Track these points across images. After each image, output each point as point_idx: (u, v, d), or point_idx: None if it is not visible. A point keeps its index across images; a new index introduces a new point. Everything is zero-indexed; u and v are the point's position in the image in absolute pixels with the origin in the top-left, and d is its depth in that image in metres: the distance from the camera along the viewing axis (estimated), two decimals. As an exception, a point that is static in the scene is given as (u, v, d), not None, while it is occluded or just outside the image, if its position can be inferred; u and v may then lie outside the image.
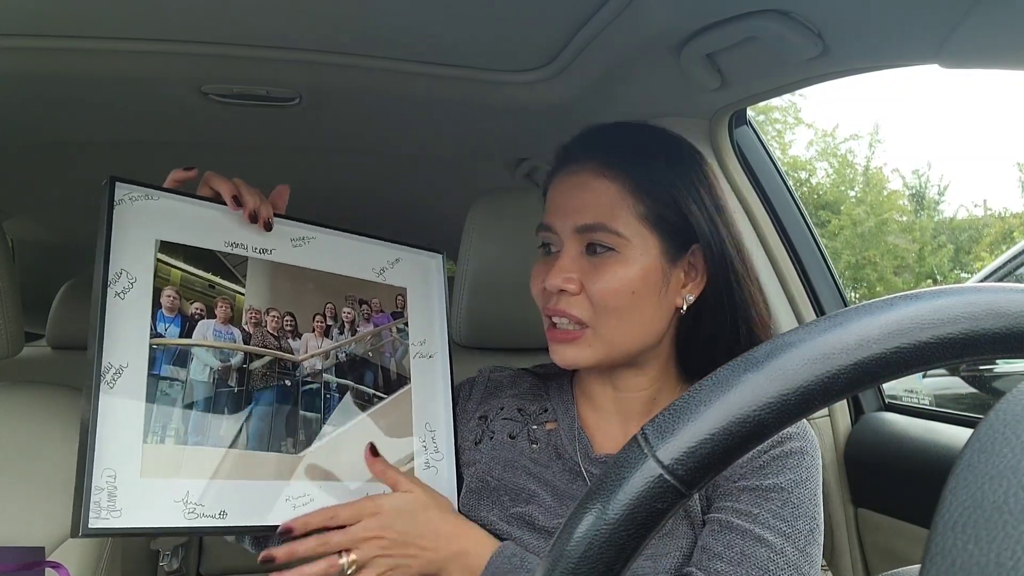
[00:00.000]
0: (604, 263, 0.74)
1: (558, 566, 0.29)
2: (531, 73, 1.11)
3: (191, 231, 0.71)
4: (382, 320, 0.82)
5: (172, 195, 0.72)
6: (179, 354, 0.67)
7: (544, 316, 0.78)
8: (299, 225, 0.80)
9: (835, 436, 1.25)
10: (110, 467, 0.60)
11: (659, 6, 0.90)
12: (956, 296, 0.30)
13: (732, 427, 0.29)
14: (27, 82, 1.13)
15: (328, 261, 0.80)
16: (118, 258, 0.65)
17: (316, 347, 0.76)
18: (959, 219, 14.63)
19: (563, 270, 0.74)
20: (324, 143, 1.47)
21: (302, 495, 0.69)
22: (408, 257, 0.86)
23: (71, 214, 2.00)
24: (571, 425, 0.81)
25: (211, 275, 0.71)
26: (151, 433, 0.63)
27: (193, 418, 0.65)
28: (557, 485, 0.76)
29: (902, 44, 0.84)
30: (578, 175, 0.78)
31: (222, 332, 0.70)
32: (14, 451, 0.99)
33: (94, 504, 0.58)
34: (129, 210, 0.68)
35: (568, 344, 0.75)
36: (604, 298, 0.73)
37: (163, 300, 0.67)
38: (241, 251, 0.74)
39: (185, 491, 0.63)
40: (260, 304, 0.73)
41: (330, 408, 0.75)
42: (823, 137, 14.25)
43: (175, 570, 1.92)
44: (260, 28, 0.98)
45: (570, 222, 0.76)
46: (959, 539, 0.23)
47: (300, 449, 0.71)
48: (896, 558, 1.14)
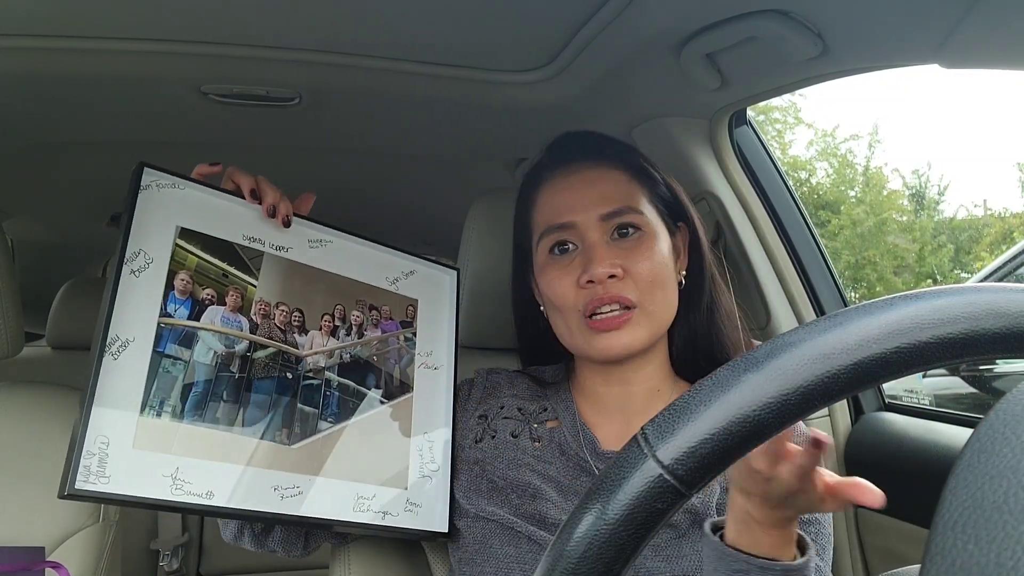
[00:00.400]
0: (639, 244, 0.78)
1: (558, 566, 0.29)
2: (531, 73, 1.11)
3: (212, 221, 0.73)
4: (390, 327, 0.83)
5: (198, 186, 0.74)
6: (185, 335, 0.68)
7: (582, 315, 0.77)
8: (319, 228, 0.81)
9: (835, 436, 1.25)
10: (104, 434, 0.61)
11: (659, 6, 0.90)
12: (956, 296, 0.30)
13: (732, 427, 0.29)
14: (27, 82, 1.13)
15: (342, 265, 0.81)
16: (138, 238, 0.68)
17: (321, 345, 0.77)
18: (959, 219, 14.64)
19: (605, 257, 0.76)
20: (324, 143, 1.47)
21: (291, 486, 0.70)
22: (423, 270, 0.87)
23: (71, 214, 2.00)
24: (573, 422, 0.81)
25: (226, 265, 0.73)
26: (149, 407, 0.64)
27: (192, 397, 0.67)
28: (562, 481, 0.76)
29: (902, 44, 0.84)
30: (585, 169, 0.82)
31: (230, 319, 0.72)
32: (14, 451, 0.99)
33: (83, 467, 0.59)
34: (155, 196, 0.71)
35: (619, 331, 0.75)
36: (651, 275, 0.76)
37: (176, 283, 0.69)
38: (258, 245, 0.76)
39: (175, 467, 0.64)
40: (270, 297, 0.75)
41: (329, 405, 0.75)
42: (823, 137, 14.26)
43: (175, 570, 1.92)
44: (260, 28, 0.98)
45: (593, 212, 0.78)
46: (959, 539, 0.23)
47: (294, 441, 0.71)
48: (896, 558, 1.14)
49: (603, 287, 0.75)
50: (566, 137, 0.89)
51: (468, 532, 0.77)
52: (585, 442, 0.79)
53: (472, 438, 0.83)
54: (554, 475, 0.77)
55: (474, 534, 0.76)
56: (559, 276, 0.79)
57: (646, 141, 1.26)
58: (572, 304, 0.78)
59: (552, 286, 0.79)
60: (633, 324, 0.75)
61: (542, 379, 0.89)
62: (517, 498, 0.75)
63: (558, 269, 0.79)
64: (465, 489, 0.79)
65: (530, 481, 0.76)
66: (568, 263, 0.79)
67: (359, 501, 0.74)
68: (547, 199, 0.83)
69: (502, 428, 0.82)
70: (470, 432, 0.84)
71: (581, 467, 0.77)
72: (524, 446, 0.80)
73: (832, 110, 26.54)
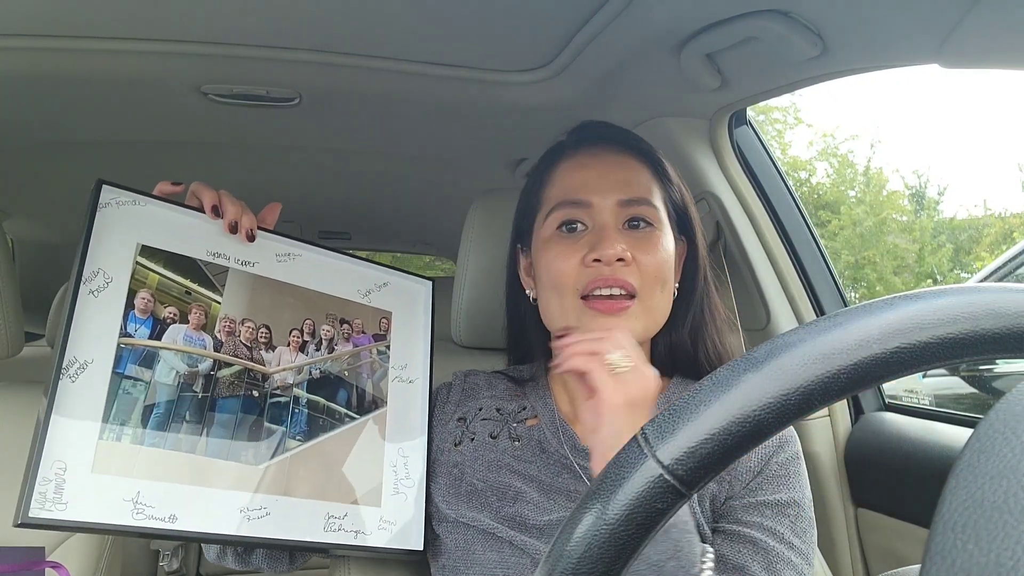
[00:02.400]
0: (649, 237, 0.78)
1: (558, 566, 0.29)
2: (531, 73, 1.11)
3: (173, 238, 0.72)
4: (363, 341, 0.81)
5: (159, 202, 0.72)
6: (146, 355, 0.67)
7: (579, 294, 0.76)
8: (286, 241, 0.79)
9: (835, 436, 1.25)
10: (61, 459, 0.60)
11: (659, 6, 0.90)
12: (956, 296, 0.30)
13: (732, 427, 0.29)
14: (27, 82, 1.13)
15: (312, 279, 0.79)
16: (97, 257, 0.66)
17: (289, 361, 0.75)
18: (959, 219, 14.64)
19: (616, 240, 0.75)
20: (324, 143, 1.47)
21: (258, 507, 0.68)
22: (396, 282, 0.86)
23: (71, 214, 1.99)
24: (552, 419, 0.80)
25: (189, 282, 0.71)
26: (108, 430, 0.63)
27: (153, 419, 0.65)
28: (543, 480, 0.76)
29: (902, 44, 0.84)
30: (609, 154, 0.81)
31: (193, 338, 0.70)
32: (14, 451, 0.99)
33: (38, 494, 0.58)
34: (114, 213, 0.69)
35: (616, 316, 0.75)
36: (656, 269, 0.76)
37: (137, 302, 0.67)
38: (223, 261, 0.74)
39: (136, 491, 0.62)
40: (236, 314, 0.73)
41: (297, 423, 0.73)
42: (823, 137, 14.27)
43: (175, 570, 1.93)
44: (260, 28, 0.98)
45: (613, 196, 0.78)
46: (959, 539, 0.23)
47: (261, 460, 0.70)
48: (896, 558, 1.14)
49: (610, 268, 0.74)
50: (592, 123, 0.88)
51: (450, 539, 0.76)
52: (565, 438, 0.78)
53: (451, 442, 0.82)
54: (534, 474, 0.76)
55: (456, 541, 0.76)
56: (563, 253, 0.77)
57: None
58: (572, 283, 0.76)
59: (554, 263, 0.78)
60: (631, 315, 0.75)
61: (520, 378, 0.89)
62: (497, 501, 0.75)
63: (563, 246, 0.78)
64: (445, 493, 0.78)
65: (510, 483, 0.75)
66: (574, 242, 0.78)
67: (330, 520, 0.72)
68: (566, 174, 0.81)
69: (481, 430, 0.81)
70: (449, 436, 0.83)
71: (562, 464, 0.77)
72: (503, 447, 0.79)
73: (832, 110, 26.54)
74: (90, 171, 1.63)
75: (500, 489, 0.75)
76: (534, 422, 0.81)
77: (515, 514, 0.73)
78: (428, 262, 6.80)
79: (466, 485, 0.77)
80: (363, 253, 2.10)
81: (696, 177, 1.25)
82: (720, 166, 1.26)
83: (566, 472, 0.76)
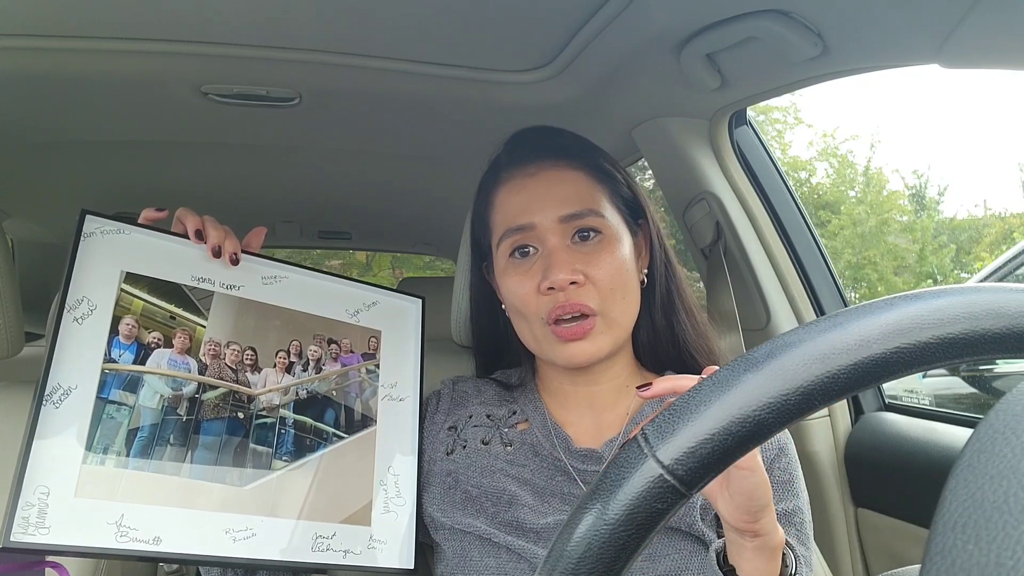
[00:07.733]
0: (599, 248, 0.76)
1: (558, 566, 0.29)
2: (531, 73, 1.11)
3: (158, 264, 0.72)
4: (351, 360, 0.81)
5: (143, 230, 0.73)
6: (130, 380, 0.67)
7: (545, 322, 0.76)
8: (272, 264, 0.79)
9: (835, 436, 1.25)
10: (44, 484, 0.60)
11: (659, 6, 0.90)
12: (956, 296, 0.30)
13: (732, 427, 0.29)
14: (27, 82, 1.13)
15: (298, 300, 0.79)
16: (81, 286, 0.67)
17: (276, 382, 0.75)
18: (959, 219, 14.64)
19: (566, 263, 0.74)
20: (324, 143, 1.47)
21: (244, 528, 0.68)
22: (386, 301, 0.86)
23: (71, 214, 1.98)
24: (544, 423, 0.80)
25: (173, 307, 0.72)
26: (92, 454, 0.63)
27: (137, 443, 0.65)
28: (537, 483, 0.76)
29: (902, 44, 0.84)
30: (541, 172, 0.80)
31: (177, 362, 0.70)
32: (14, 451, 0.99)
33: (21, 519, 0.58)
34: (98, 242, 0.70)
35: (582, 340, 0.74)
36: (611, 281, 0.75)
37: (121, 328, 0.68)
38: (208, 285, 0.74)
39: (120, 514, 0.62)
40: (221, 337, 0.73)
41: (284, 443, 0.74)
42: (823, 137, 14.27)
43: (175, 571, 1.92)
44: (260, 28, 0.98)
45: (552, 214, 0.76)
46: (959, 539, 0.23)
47: (247, 482, 0.70)
48: (896, 558, 1.14)
49: (564, 294, 0.74)
50: (525, 133, 0.87)
51: (447, 546, 0.76)
52: (558, 441, 0.78)
53: (443, 450, 0.82)
54: (528, 478, 0.76)
55: (453, 548, 0.75)
56: (520, 281, 0.77)
57: (646, 141, 1.26)
58: (535, 311, 0.76)
59: (513, 291, 0.78)
60: (596, 333, 0.75)
61: (508, 383, 0.89)
62: (492, 506, 0.74)
63: (519, 274, 0.78)
64: (439, 502, 0.78)
65: (505, 487, 0.75)
66: (528, 267, 0.77)
67: (318, 540, 0.72)
68: (506, 200, 0.81)
69: (472, 437, 0.81)
70: (441, 444, 0.83)
71: (556, 466, 0.77)
72: (496, 452, 0.79)
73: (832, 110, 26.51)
74: (90, 171, 1.64)
75: (495, 494, 0.75)
76: (525, 426, 0.81)
77: (511, 519, 0.73)
78: (428, 262, 6.79)
79: (460, 492, 0.77)
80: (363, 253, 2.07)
81: (696, 177, 1.25)
82: (720, 166, 1.26)
83: (560, 474, 0.76)
